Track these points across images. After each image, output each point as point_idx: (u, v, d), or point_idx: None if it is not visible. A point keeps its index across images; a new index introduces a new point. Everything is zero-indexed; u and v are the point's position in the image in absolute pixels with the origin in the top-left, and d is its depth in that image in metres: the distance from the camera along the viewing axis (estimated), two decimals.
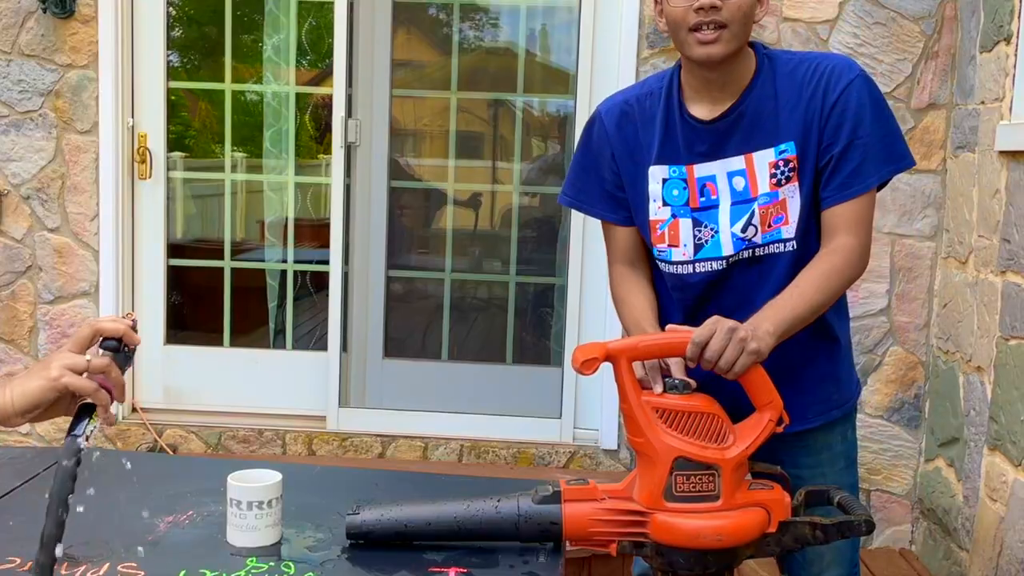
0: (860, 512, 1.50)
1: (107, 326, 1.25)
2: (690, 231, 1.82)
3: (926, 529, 3.42)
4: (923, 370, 3.47)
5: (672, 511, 1.47)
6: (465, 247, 3.79)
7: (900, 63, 3.36)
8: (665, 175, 1.83)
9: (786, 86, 1.76)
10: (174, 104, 3.73)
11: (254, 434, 3.61)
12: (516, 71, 3.65)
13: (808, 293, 1.69)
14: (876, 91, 1.77)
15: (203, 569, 1.45)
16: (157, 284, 3.66)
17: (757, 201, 1.77)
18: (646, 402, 1.49)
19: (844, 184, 1.74)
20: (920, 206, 3.42)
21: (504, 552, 1.52)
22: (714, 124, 1.78)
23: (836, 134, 1.74)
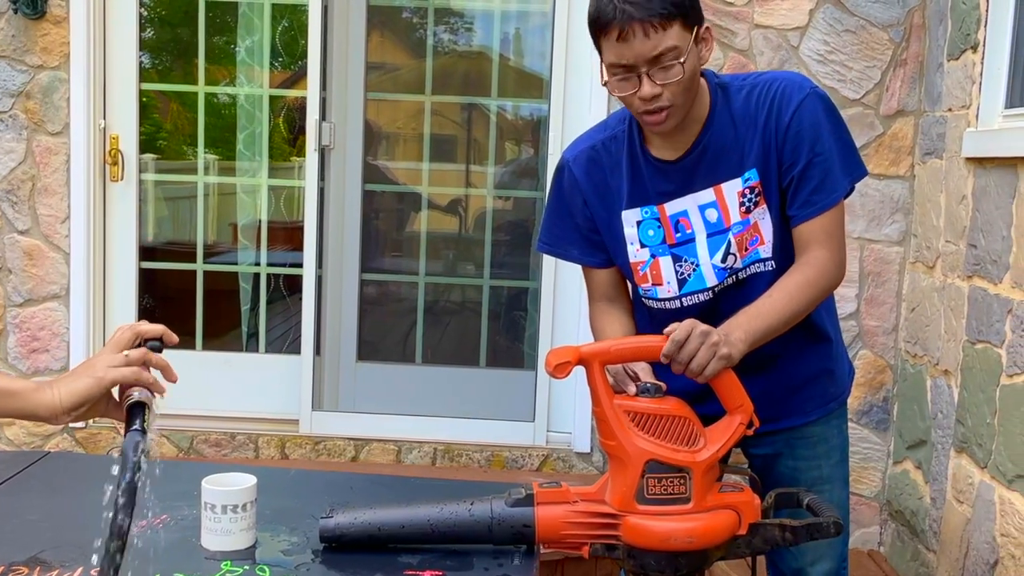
0: (829, 514, 1.52)
1: (145, 328, 1.37)
2: (671, 268, 1.85)
3: (894, 531, 3.46)
4: (891, 373, 3.52)
5: (644, 513, 1.48)
6: (439, 250, 3.79)
7: (869, 70, 3.40)
8: (638, 217, 1.86)
9: (742, 114, 1.78)
10: (145, 106, 3.71)
11: (226, 438, 3.59)
12: (490, 75, 3.66)
13: (780, 304, 1.72)
14: (829, 105, 1.80)
15: (177, 573, 1.45)
16: (129, 287, 3.64)
17: (731, 231, 1.81)
18: (618, 405, 1.50)
19: (809, 201, 1.77)
20: (889, 212, 3.46)
21: (479, 555, 1.52)
22: (679, 163, 1.81)
23: (795, 154, 1.76)
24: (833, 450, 2.00)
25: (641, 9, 1.61)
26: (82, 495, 1.73)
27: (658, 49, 1.62)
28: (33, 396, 1.30)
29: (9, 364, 3.56)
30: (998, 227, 2.71)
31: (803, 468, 1.96)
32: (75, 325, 3.52)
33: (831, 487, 1.98)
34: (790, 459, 1.97)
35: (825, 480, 1.98)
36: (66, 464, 1.97)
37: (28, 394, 1.30)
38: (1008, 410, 2.59)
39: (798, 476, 1.95)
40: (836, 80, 3.41)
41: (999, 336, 2.67)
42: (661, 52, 1.63)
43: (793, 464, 1.97)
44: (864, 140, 3.42)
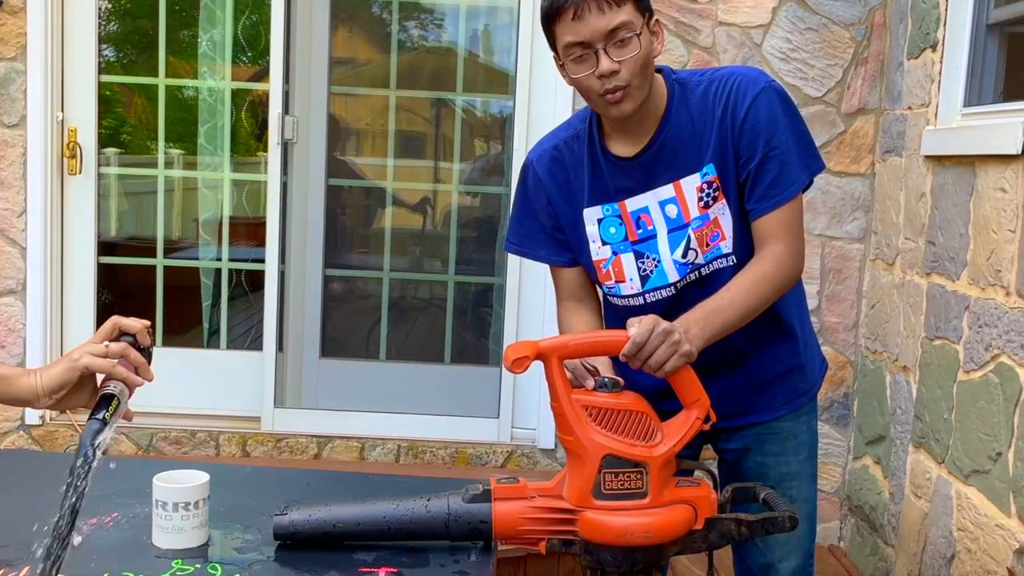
0: (784, 508, 1.53)
1: (125, 322, 1.40)
2: (633, 265, 1.86)
3: (854, 526, 3.49)
4: (852, 370, 3.54)
5: (600, 509, 1.48)
6: (404, 246, 3.78)
7: (831, 68, 3.43)
8: (599, 215, 1.87)
9: (700, 110, 1.79)
10: (109, 99, 3.66)
11: (186, 435, 3.55)
12: (456, 71, 3.65)
13: (738, 299, 1.72)
14: (785, 99, 1.80)
15: (126, 572, 1.43)
16: (87, 282, 3.59)
17: (691, 226, 1.81)
18: (576, 400, 1.50)
19: (766, 195, 1.77)
20: (849, 209, 3.49)
21: (435, 552, 1.52)
22: (637, 159, 1.82)
23: (751, 148, 1.76)
24: (801, 446, 2.00)
25: None
26: (31, 493, 1.70)
27: (613, 23, 1.65)
28: (18, 380, 1.36)
29: None
30: (956, 224, 2.74)
31: (771, 464, 1.97)
32: (32, 321, 3.47)
33: (799, 483, 1.99)
34: (758, 455, 1.98)
35: (793, 476, 1.98)
36: (18, 461, 1.93)
37: (14, 379, 1.36)
38: (965, 406, 2.62)
39: (766, 472, 1.96)
40: (798, 78, 3.43)
41: (956, 332, 2.70)
42: (616, 26, 1.65)
43: (761, 460, 1.97)
44: (825, 138, 3.44)
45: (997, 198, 2.49)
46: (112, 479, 1.80)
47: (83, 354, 1.34)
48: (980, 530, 2.50)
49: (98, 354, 1.34)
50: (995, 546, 2.41)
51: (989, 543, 2.44)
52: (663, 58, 3.39)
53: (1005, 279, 2.42)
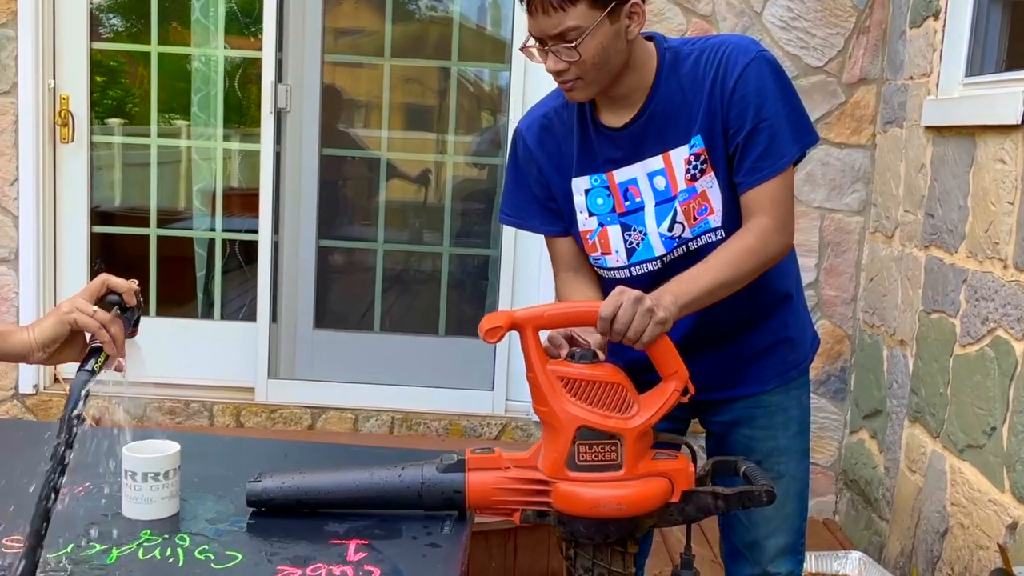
0: (763, 482, 1.51)
1: (114, 280, 1.42)
2: (619, 237, 1.83)
3: (849, 500, 3.47)
4: (849, 343, 3.51)
5: (574, 480, 1.46)
6: (399, 218, 3.75)
7: (832, 37, 3.37)
8: (587, 185, 1.83)
9: (690, 80, 1.75)
10: (113, 69, 3.62)
11: (180, 405, 3.55)
12: (452, 40, 3.60)
13: (716, 268, 1.68)
14: (777, 70, 1.74)
15: (93, 542, 1.41)
16: (80, 251, 3.57)
17: (677, 199, 1.78)
18: (551, 371, 1.47)
19: (755, 168, 1.73)
20: (849, 181, 3.45)
21: (408, 523, 1.50)
22: (626, 130, 1.78)
23: (740, 119, 1.72)
24: (791, 421, 1.96)
25: None
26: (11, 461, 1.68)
27: (558, 28, 1.63)
28: (12, 336, 1.38)
29: None
30: (955, 196, 2.70)
31: (759, 438, 1.93)
32: (24, 289, 3.46)
33: (787, 459, 1.94)
34: (746, 428, 1.94)
35: (782, 451, 1.94)
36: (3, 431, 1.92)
37: (8, 334, 1.38)
38: (960, 380, 2.59)
39: (753, 446, 1.92)
40: (799, 47, 3.38)
41: (954, 306, 2.66)
42: (561, 31, 1.63)
43: (749, 434, 1.93)
44: (826, 108, 3.40)
45: (996, 169, 2.45)
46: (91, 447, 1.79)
47: (72, 308, 1.35)
48: (973, 505, 2.48)
49: (85, 312, 1.35)
50: (988, 521, 2.39)
51: (982, 518, 2.42)
52: (659, 26, 3.35)
53: (1003, 252, 2.38)
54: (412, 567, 1.38)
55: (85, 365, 1.33)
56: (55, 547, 1.39)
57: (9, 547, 1.39)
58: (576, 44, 1.63)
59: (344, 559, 1.38)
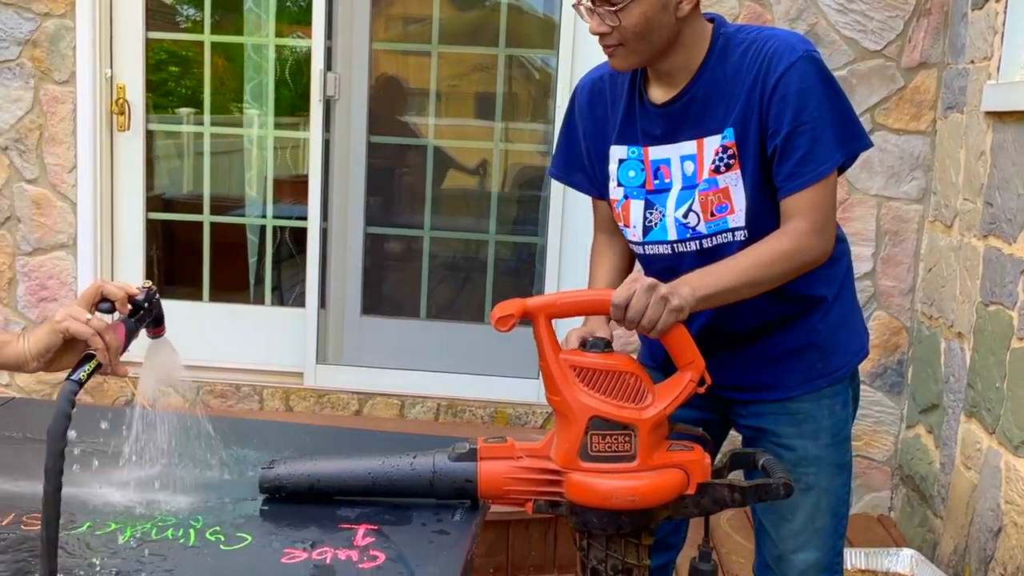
0: (780, 476, 1.46)
1: (109, 288, 1.39)
2: (641, 213, 1.80)
3: (904, 496, 3.38)
4: (907, 335, 3.41)
5: (587, 471, 1.44)
6: (445, 204, 3.74)
7: (891, 20, 3.27)
8: (623, 155, 1.81)
9: (734, 69, 1.70)
10: (187, 59, 3.68)
11: (231, 389, 3.61)
12: (500, 25, 3.58)
13: (742, 266, 1.64)
14: (823, 71, 1.69)
15: (110, 521, 1.43)
16: (136, 237, 3.65)
17: (698, 187, 1.74)
18: (564, 360, 1.45)
19: (795, 172, 1.67)
20: (908, 168, 3.34)
21: (419, 510, 1.49)
22: (666, 108, 1.75)
23: (779, 120, 1.66)
24: (822, 431, 1.85)
25: None
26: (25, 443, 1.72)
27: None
28: (7, 347, 1.38)
29: (19, 312, 3.60)
30: (1014, 184, 2.59)
31: (786, 445, 1.84)
32: (83, 274, 3.54)
33: (816, 470, 1.84)
34: (773, 434, 1.86)
35: (811, 462, 1.84)
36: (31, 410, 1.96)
37: (3, 345, 1.39)
38: (1017, 374, 2.49)
39: (781, 453, 1.81)
40: (856, 31, 3.28)
41: (1012, 298, 2.57)
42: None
43: (776, 440, 1.85)
44: (884, 94, 3.30)
45: None
46: None
47: (65, 317, 1.35)
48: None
49: (79, 319, 1.34)
50: None
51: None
52: (712, 9, 3.28)
53: None
54: (417, 553, 1.37)
55: (74, 374, 1.30)
56: (74, 525, 1.41)
57: (29, 525, 1.41)
58: (618, 8, 1.61)
59: (351, 543, 1.38)
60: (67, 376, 1.29)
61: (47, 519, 1.16)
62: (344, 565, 1.32)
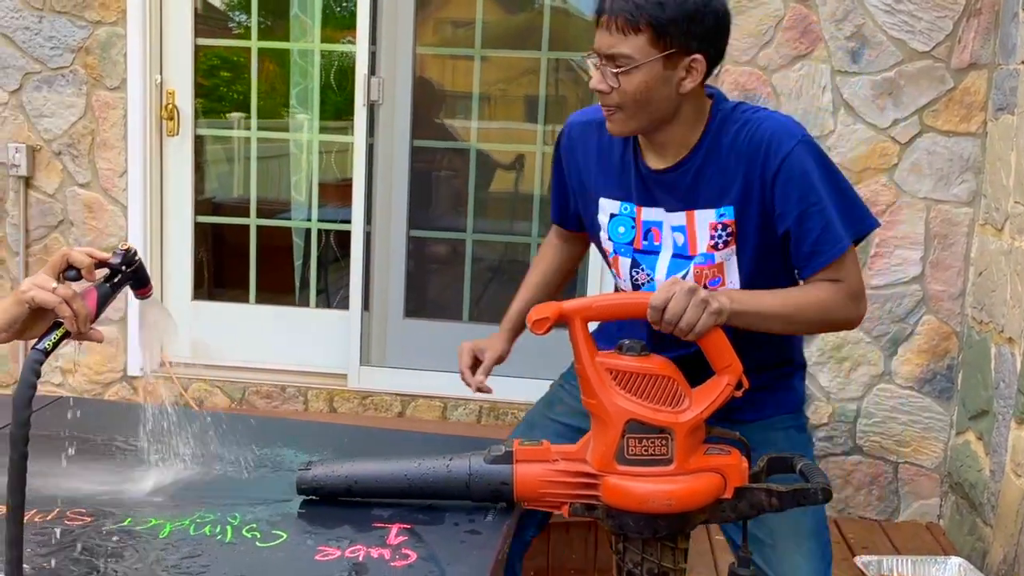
0: (818, 480, 1.45)
1: (75, 255, 1.35)
2: (628, 270, 1.85)
3: (954, 504, 3.32)
4: (957, 340, 3.35)
5: (623, 474, 1.43)
6: (487, 207, 3.75)
7: (940, 20, 3.22)
8: (615, 210, 1.84)
9: (728, 149, 1.73)
10: (234, 65, 3.73)
11: (277, 390, 3.65)
12: (544, 27, 3.58)
13: (780, 299, 1.67)
14: (821, 156, 1.72)
15: (150, 517, 1.46)
16: (185, 240, 3.70)
17: (694, 260, 1.77)
18: (600, 363, 1.45)
19: (815, 252, 1.70)
20: (958, 170, 3.29)
21: (452, 511, 1.50)
22: (661, 175, 1.78)
23: (785, 203, 1.69)
24: None
25: (617, 4, 1.63)
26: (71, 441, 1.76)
27: (612, 49, 1.64)
28: None
29: None
30: None
31: None
32: None
33: None
34: None
35: None
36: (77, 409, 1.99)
37: None
38: None
39: None
40: (904, 31, 3.23)
41: None
42: (613, 54, 1.64)
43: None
44: (933, 95, 3.25)
45: None
46: None
47: (31, 286, 1.32)
48: None
49: (45, 287, 1.32)
50: None
51: None
52: (756, 11, 3.25)
53: None
54: (448, 552, 1.38)
55: (39, 343, 1.28)
56: (115, 520, 1.44)
57: (73, 519, 1.44)
58: (620, 72, 1.64)
59: (384, 542, 1.40)
60: (33, 345, 1.28)
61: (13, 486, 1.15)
62: (376, 563, 1.33)
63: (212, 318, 3.74)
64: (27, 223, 3.65)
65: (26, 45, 3.56)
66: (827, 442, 3.45)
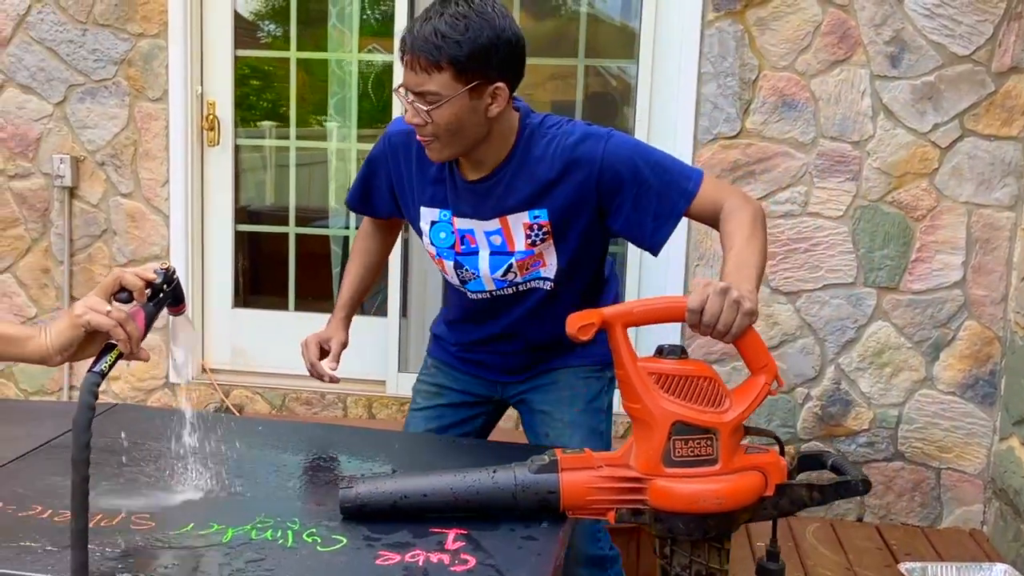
0: (855, 473, 1.46)
1: (127, 278, 1.38)
2: (453, 270, 2.00)
3: (998, 510, 3.28)
4: (999, 345, 3.32)
5: (670, 476, 1.44)
6: None
7: (980, 24, 3.19)
8: (435, 218, 1.98)
9: (538, 159, 1.87)
10: (259, 73, 3.77)
11: (316, 396, 3.68)
12: (579, 34, 3.59)
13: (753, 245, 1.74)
14: (628, 144, 1.89)
15: (212, 522, 1.48)
16: (225, 249, 3.75)
17: (515, 256, 1.93)
18: (642, 367, 1.45)
19: (657, 226, 1.88)
20: (999, 175, 3.26)
21: (506, 516, 1.50)
22: (474, 185, 1.91)
23: (616, 198, 1.86)
24: (577, 398, 2.09)
25: (417, 45, 1.73)
26: (146, 444, 1.78)
27: (420, 88, 1.75)
28: (29, 343, 1.39)
29: None
30: None
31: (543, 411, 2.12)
32: None
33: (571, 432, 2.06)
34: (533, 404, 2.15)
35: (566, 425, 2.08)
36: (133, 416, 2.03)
37: (24, 341, 1.39)
38: None
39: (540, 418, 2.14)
40: (944, 35, 3.21)
41: None
42: (422, 91, 1.75)
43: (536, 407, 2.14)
44: (973, 99, 3.23)
45: None
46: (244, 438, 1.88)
47: (85, 309, 1.35)
48: None
49: (99, 310, 1.35)
50: None
51: None
52: (794, 16, 3.25)
53: None
54: (507, 558, 1.39)
55: (95, 366, 1.31)
56: (178, 525, 1.47)
57: (137, 525, 1.47)
58: (431, 109, 1.74)
59: (442, 547, 1.41)
60: (89, 368, 1.31)
61: (76, 508, 1.18)
62: (436, 568, 1.35)
63: (252, 325, 3.78)
64: (71, 233, 3.72)
65: (70, 58, 3.62)
66: (868, 448, 3.43)
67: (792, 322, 3.40)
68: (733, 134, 3.35)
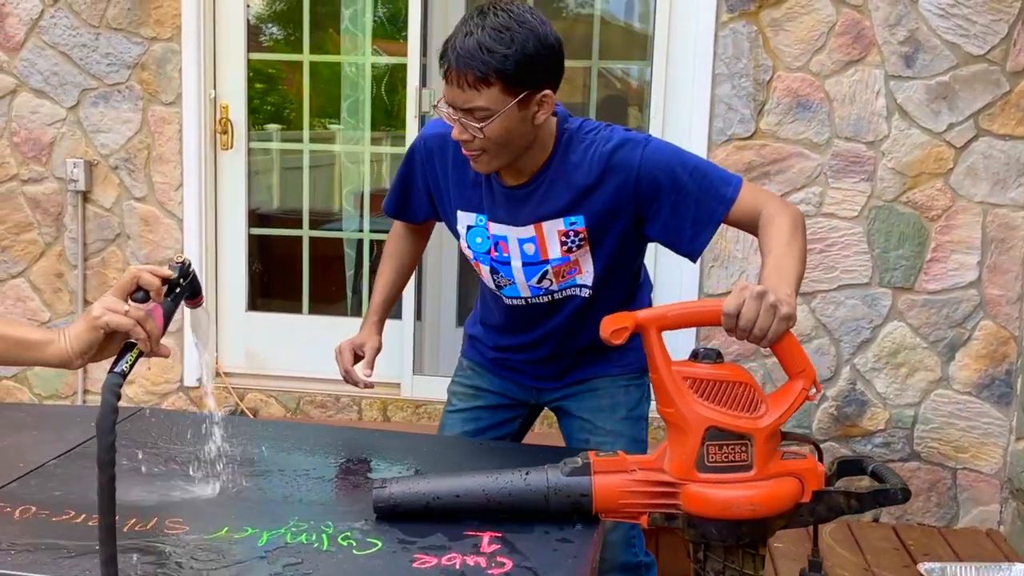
0: (895, 481, 1.45)
1: (144, 276, 1.36)
2: (489, 275, 2.00)
3: (1015, 510, 3.28)
4: (1016, 345, 3.32)
5: (704, 482, 1.43)
6: None
7: (995, 24, 3.19)
8: (471, 222, 1.97)
9: (575, 165, 1.86)
10: (272, 77, 3.77)
11: (331, 399, 3.68)
12: (592, 37, 3.59)
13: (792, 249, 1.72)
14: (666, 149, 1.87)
15: (246, 525, 1.48)
16: (238, 252, 3.75)
17: (549, 263, 1.92)
18: (676, 372, 1.45)
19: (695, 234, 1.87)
20: (1015, 174, 3.26)
21: (540, 519, 1.50)
22: (512, 190, 1.90)
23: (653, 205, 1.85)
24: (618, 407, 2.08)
25: (463, 61, 1.70)
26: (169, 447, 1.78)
27: (468, 104, 1.73)
28: (48, 348, 1.36)
29: None
30: None
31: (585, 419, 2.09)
32: None
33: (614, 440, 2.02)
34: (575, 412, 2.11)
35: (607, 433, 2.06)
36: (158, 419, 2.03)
37: (44, 345, 1.37)
38: None
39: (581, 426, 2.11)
40: (959, 35, 3.21)
41: None
42: (471, 108, 1.73)
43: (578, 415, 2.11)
44: (988, 99, 3.22)
45: None
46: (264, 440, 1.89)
47: (103, 311, 1.33)
48: None
49: (117, 311, 1.32)
50: None
51: None
52: (808, 17, 3.24)
53: None
54: (543, 561, 1.39)
55: (116, 366, 1.29)
56: (213, 529, 1.47)
57: (172, 528, 1.47)
58: (483, 125, 1.73)
59: (478, 550, 1.41)
60: (110, 368, 1.29)
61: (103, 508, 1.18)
62: (473, 571, 1.35)
63: (266, 329, 3.78)
64: (85, 237, 3.72)
65: (83, 62, 3.62)
66: (884, 448, 3.42)
67: (807, 322, 3.40)
68: (747, 135, 3.35)
